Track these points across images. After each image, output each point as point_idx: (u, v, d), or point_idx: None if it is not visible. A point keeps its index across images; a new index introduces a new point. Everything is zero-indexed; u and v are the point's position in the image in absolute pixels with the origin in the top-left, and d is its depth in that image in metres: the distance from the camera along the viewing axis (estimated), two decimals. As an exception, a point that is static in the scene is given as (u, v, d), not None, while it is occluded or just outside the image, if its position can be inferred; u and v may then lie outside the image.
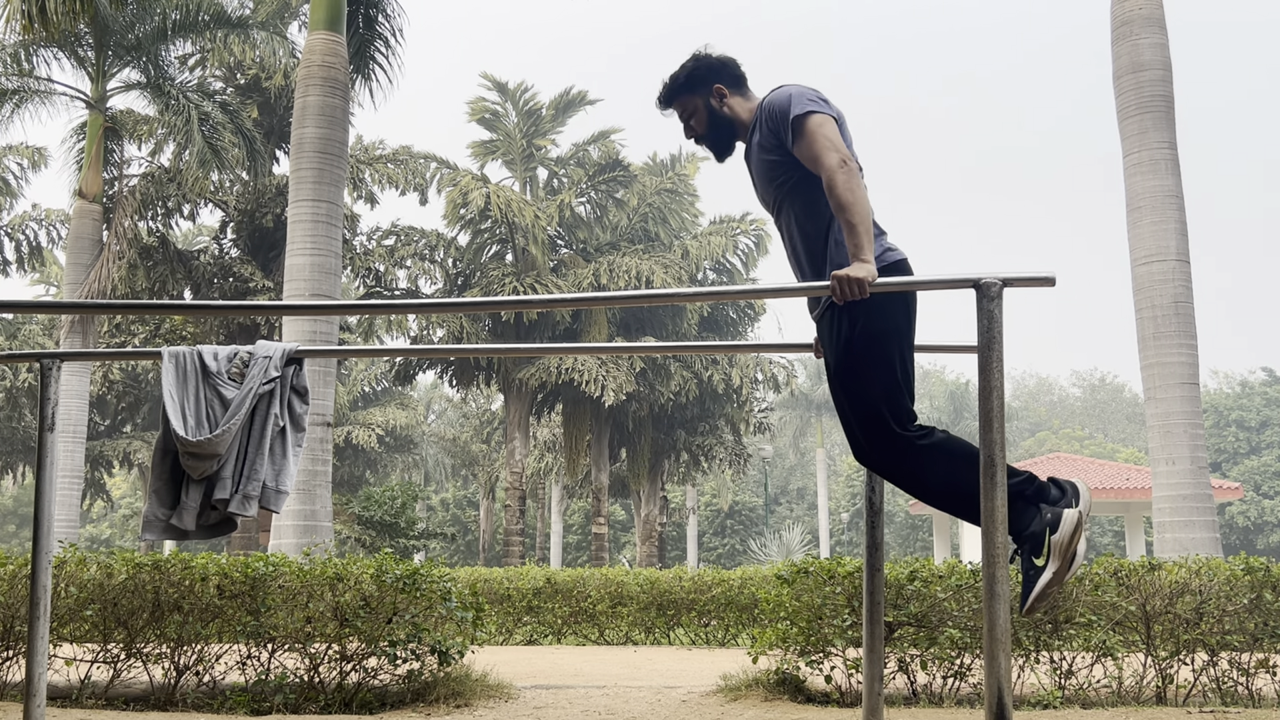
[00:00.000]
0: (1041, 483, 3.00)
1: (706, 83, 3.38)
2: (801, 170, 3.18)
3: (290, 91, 22.34)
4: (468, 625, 5.38)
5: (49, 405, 3.59)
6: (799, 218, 3.23)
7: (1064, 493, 2.96)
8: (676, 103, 3.43)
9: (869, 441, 3.07)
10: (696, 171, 32.12)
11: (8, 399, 30.75)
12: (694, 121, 3.42)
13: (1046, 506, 2.94)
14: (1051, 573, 2.87)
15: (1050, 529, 2.89)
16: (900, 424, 3.04)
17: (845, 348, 3.08)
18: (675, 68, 3.44)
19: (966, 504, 2.99)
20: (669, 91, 3.43)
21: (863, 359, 3.06)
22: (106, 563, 5.51)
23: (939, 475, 3.02)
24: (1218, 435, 52.67)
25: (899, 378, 3.06)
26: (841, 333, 3.09)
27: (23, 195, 25.43)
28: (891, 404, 3.04)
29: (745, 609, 11.05)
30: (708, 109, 3.38)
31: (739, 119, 3.37)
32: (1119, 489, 25.23)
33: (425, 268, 27.69)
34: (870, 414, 3.04)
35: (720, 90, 3.37)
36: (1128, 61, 12.38)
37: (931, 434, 3.05)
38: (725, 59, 3.41)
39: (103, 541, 53.17)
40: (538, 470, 39.28)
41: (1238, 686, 5.28)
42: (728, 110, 3.37)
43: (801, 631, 5.28)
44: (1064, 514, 2.89)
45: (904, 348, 3.10)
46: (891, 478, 3.11)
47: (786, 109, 3.15)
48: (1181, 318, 11.74)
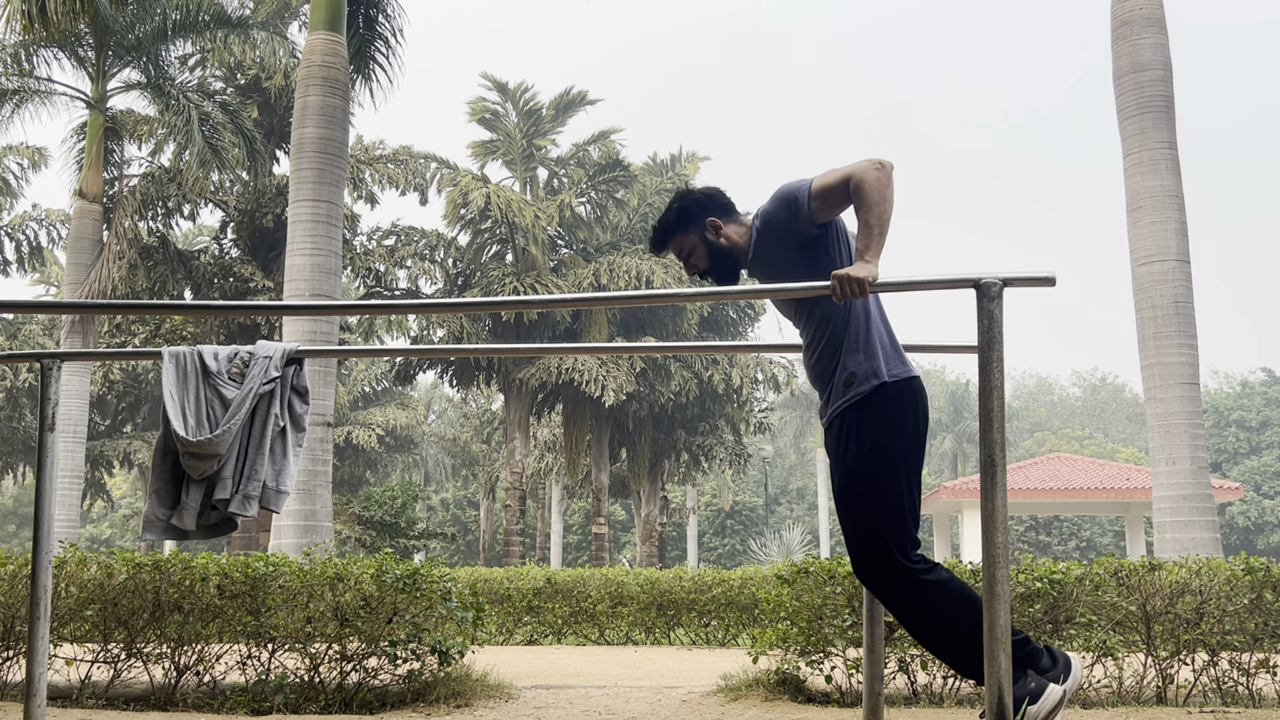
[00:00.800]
0: (1035, 648, 2.92)
1: (698, 219, 3.33)
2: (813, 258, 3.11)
3: (290, 91, 22.35)
4: (468, 625, 5.39)
5: (49, 405, 3.59)
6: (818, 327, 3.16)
7: (1055, 664, 2.88)
8: (672, 244, 3.38)
9: (868, 564, 3.00)
10: (697, 171, 32.14)
11: (8, 399, 30.76)
12: (693, 258, 3.36)
13: (1033, 674, 2.85)
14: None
15: (1030, 699, 2.79)
16: (903, 552, 2.96)
17: (853, 470, 3.02)
18: (663, 212, 3.39)
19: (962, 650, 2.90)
20: (661, 234, 3.38)
21: (869, 483, 2.99)
22: (107, 563, 5.51)
23: (934, 613, 2.93)
24: (1218, 435, 52.68)
25: (905, 504, 2.99)
26: (849, 452, 3.03)
27: (23, 195, 25.44)
28: (896, 532, 2.97)
29: (745, 609, 11.05)
30: (705, 244, 3.32)
31: (737, 245, 3.31)
32: (1119, 489, 25.24)
33: (425, 268, 27.70)
34: (872, 539, 2.97)
35: (714, 223, 3.31)
36: (1128, 61, 12.38)
37: (935, 570, 2.97)
38: (710, 191, 3.38)
39: (103, 541, 53.18)
40: (538, 470, 39.29)
41: (1238, 687, 5.28)
42: (724, 240, 3.31)
43: (802, 631, 5.28)
44: (1048, 688, 2.80)
45: (912, 472, 3.03)
46: (885, 602, 3.02)
47: (795, 184, 3.09)
48: (1182, 318, 11.74)
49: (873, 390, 3.04)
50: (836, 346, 3.12)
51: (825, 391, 3.17)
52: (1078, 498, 25.79)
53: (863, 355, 3.07)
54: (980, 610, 2.81)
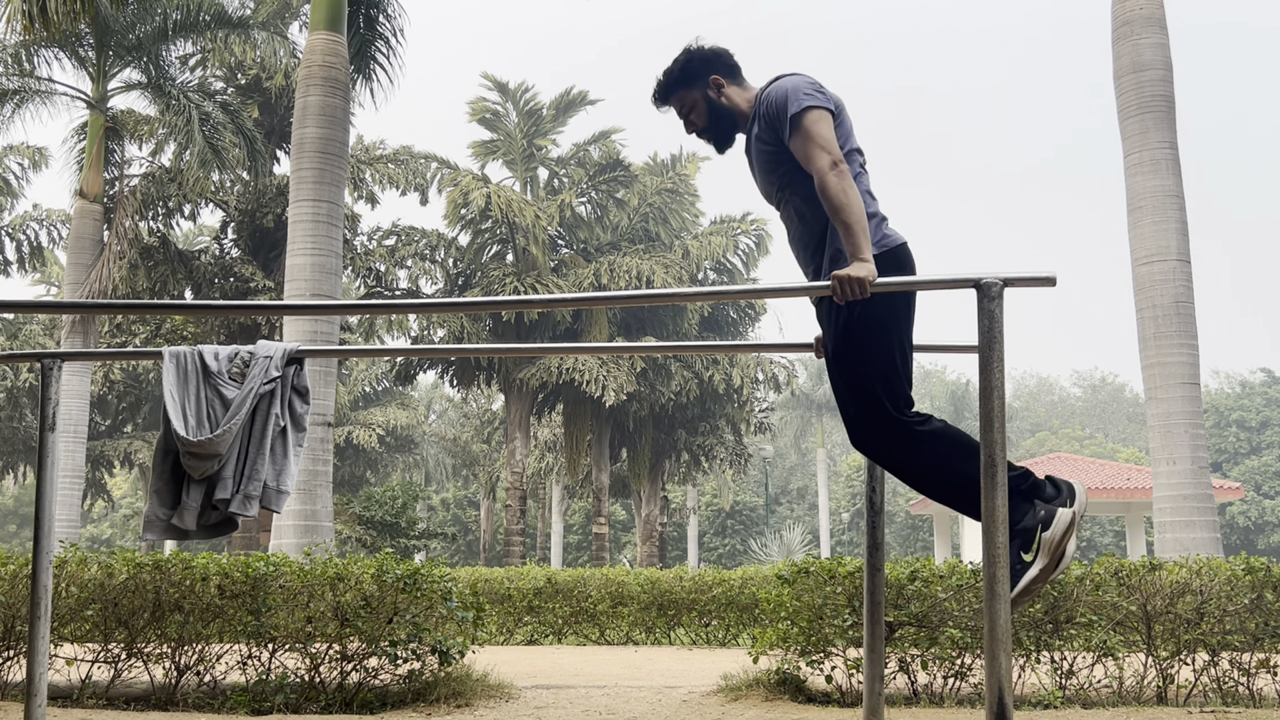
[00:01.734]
0: (1037, 479, 3.00)
1: (702, 75, 3.35)
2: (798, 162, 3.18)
3: (291, 91, 22.35)
4: (468, 625, 5.38)
5: (50, 405, 3.59)
6: (800, 207, 3.22)
7: (1059, 491, 2.96)
8: (674, 98, 3.40)
9: (866, 426, 3.06)
10: (697, 171, 32.12)
11: (9, 399, 30.76)
12: (693, 115, 3.39)
13: (1040, 503, 2.94)
14: (1039, 569, 2.86)
15: (1042, 526, 2.89)
16: (897, 409, 3.03)
17: (844, 332, 3.07)
18: (668, 63, 3.41)
19: (962, 493, 2.99)
20: (665, 87, 3.40)
21: (861, 344, 3.05)
22: (107, 563, 5.51)
23: (935, 463, 3.01)
24: (1218, 435, 52.67)
25: (897, 363, 3.06)
26: (840, 317, 3.08)
27: (24, 195, 25.45)
28: (889, 388, 3.03)
29: (746, 609, 11.05)
30: (706, 101, 3.36)
31: (738, 109, 3.34)
32: (1119, 489, 25.23)
33: (426, 268, 27.70)
34: (867, 398, 3.04)
35: (717, 81, 3.34)
36: (1128, 61, 12.38)
37: (929, 421, 3.04)
38: (718, 49, 3.39)
39: (103, 541, 53.18)
40: (538, 470, 39.29)
41: (1239, 686, 5.28)
42: (726, 101, 3.34)
43: (802, 631, 5.27)
44: (1058, 512, 2.89)
45: (903, 334, 3.09)
46: (887, 464, 3.10)
47: (784, 103, 3.13)
48: (1182, 318, 11.74)
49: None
50: (823, 223, 3.16)
51: (814, 267, 3.22)
52: (1078, 498, 25.74)
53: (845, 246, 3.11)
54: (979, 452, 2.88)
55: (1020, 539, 2.91)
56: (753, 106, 3.30)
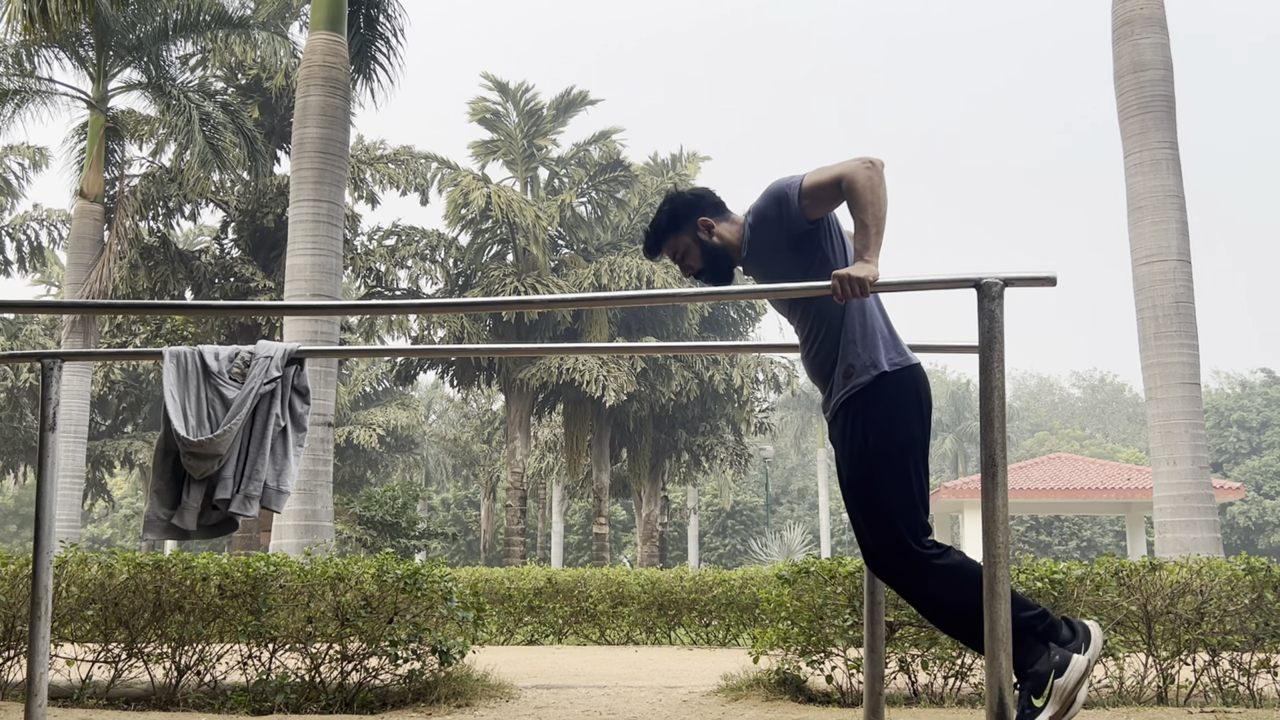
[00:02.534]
0: (1054, 621, 2.93)
1: (689, 220, 3.32)
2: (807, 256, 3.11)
3: (291, 91, 22.35)
4: (469, 625, 5.39)
5: (50, 405, 3.59)
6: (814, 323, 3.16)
7: (1075, 634, 2.89)
8: (665, 246, 3.37)
9: (881, 553, 3.00)
10: (698, 171, 32.14)
11: (9, 399, 30.77)
12: (688, 259, 3.35)
13: (1056, 647, 2.86)
14: (1047, 717, 2.79)
15: (1056, 672, 2.81)
16: (915, 539, 2.97)
17: (860, 460, 3.02)
18: (654, 216, 3.39)
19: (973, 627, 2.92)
20: (655, 238, 3.37)
21: (877, 472, 2.99)
22: (108, 563, 5.51)
23: (950, 596, 2.94)
24: (1219, 435, 52.67)
25: (915, 491, 3.00)
26: (855, 443, 3.03)
27: (24, 195, 25.47)
28: (907, 518, 2.97)
29: (746, 609, 11.05)
30: (699, 244, 3.31)
31: (730, 244, 3.29)
32: (1120, 489, 25.23)
33: (426, 268, 27.70)
34: (884, 528, 2.98)
35: (706, 223, 3.30)
36: (1128, 61, 12.38)
37: (947, 554, 2.98)
38: (699, 191, 3.37)
39: (104, 541, 53.19)
40: (539, 470, 39.28)
41: (1239, 687, 5.28)
42: (718, 240, 3.30)
43: (802, 631, 5.27)
44: (1072, 659, 2.81)
45: (919, 458, 3.04)
46: (899, 590, 3.03)
47: (783, 187, 3.08)
48: (1182, 318, 11.74)
49: (873, 380, 3.04)
50: (834, 340, 3.12)
51: (826, 385, 3.17)
52: (1078, 498, 25.79)
53: (861, 347, 3.07)
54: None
55: (1032, 682, 2.83)
56: (743, 230, 3.25)
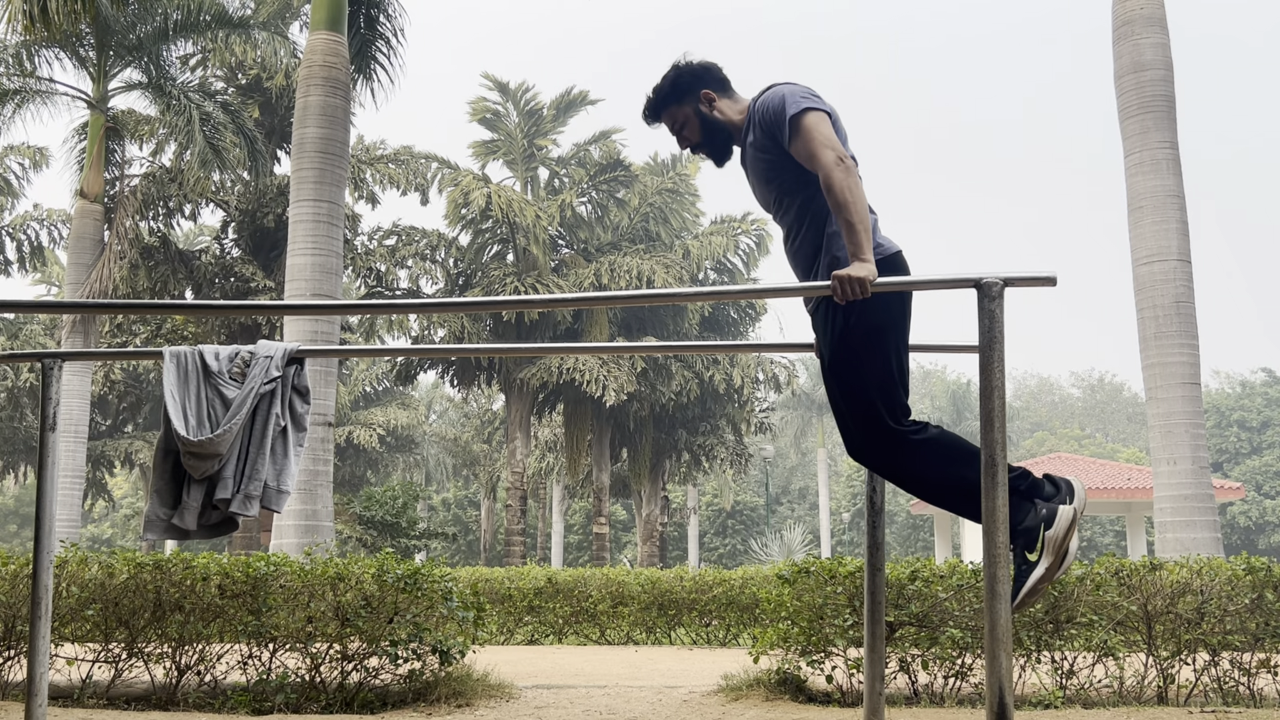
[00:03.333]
0: (1036, 479, 3.00)
1: (692, 90, 3.33)
2: (798, 169, 3.16)
3: (291, 91, 22.35)
4: (469, 625, 5.38)
5: (50, 405, 3.59)
6: (798, 216, 3.20)
7: (1059, 489, 2.97)
8: (665, 114, 3.38)
9: (863, 436, 3.06)
10: (697, 171, 32.13)
11: (9, 399, 30.77)
12: (686, 131, 3.37)
13: (1041, 502, 2.94)
14: (1044, 568, 2.88)
15: (1045, 524, 2.90)
16: (895, 418, 3.03)
17: (840, 341, 3.06)
18: (657, 80, 3.39)
19: (961, 499, 2.99)
20: (655, 104, 3.38)
21: (857, 352, 3.04)
22: (108, 562, 5.51)
23: (933, 470, 3.01)
24: (1219, 435, 52.67)
25: (894, 371, 3.05)
26: (836, 326, 3.07)
27: (24, 195, 25.47)
28: (886, 398, 3.03)
29: (746, 609, 11.04)
30: (699, 116, 3.33)
31: (731, 122, 3.32)
32: (1120, 489, 25.22)
33: (426, 268, 27.70)
34: (864, 408, 3.03)
35: (708, 95, 3.32)
36: (1129, 61, 12.37)
37: (925, 429, 3.04)
38: (706, 64, 3.37)
39: (104, 541, 53.19)
40: (539, 470, 39.28)
41: (1239, 686, 5.28)
42: (719, 114, 3.32)
43: (803, 631, 5.27)
44: (1059, 510, 2.90)
45: (899, 341, 3.08)
46: (885, 472, 3.10)
47: (782, 108, 3.12)
48: (1183, 318, 11.74)
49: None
50: (819, 230, 3.15)
51: (810, 275, 3.20)
52: (1079, 498, 25.74)
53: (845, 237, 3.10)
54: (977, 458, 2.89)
55: (1023, 539, 2.92)
56: (746, 117, 3.27)
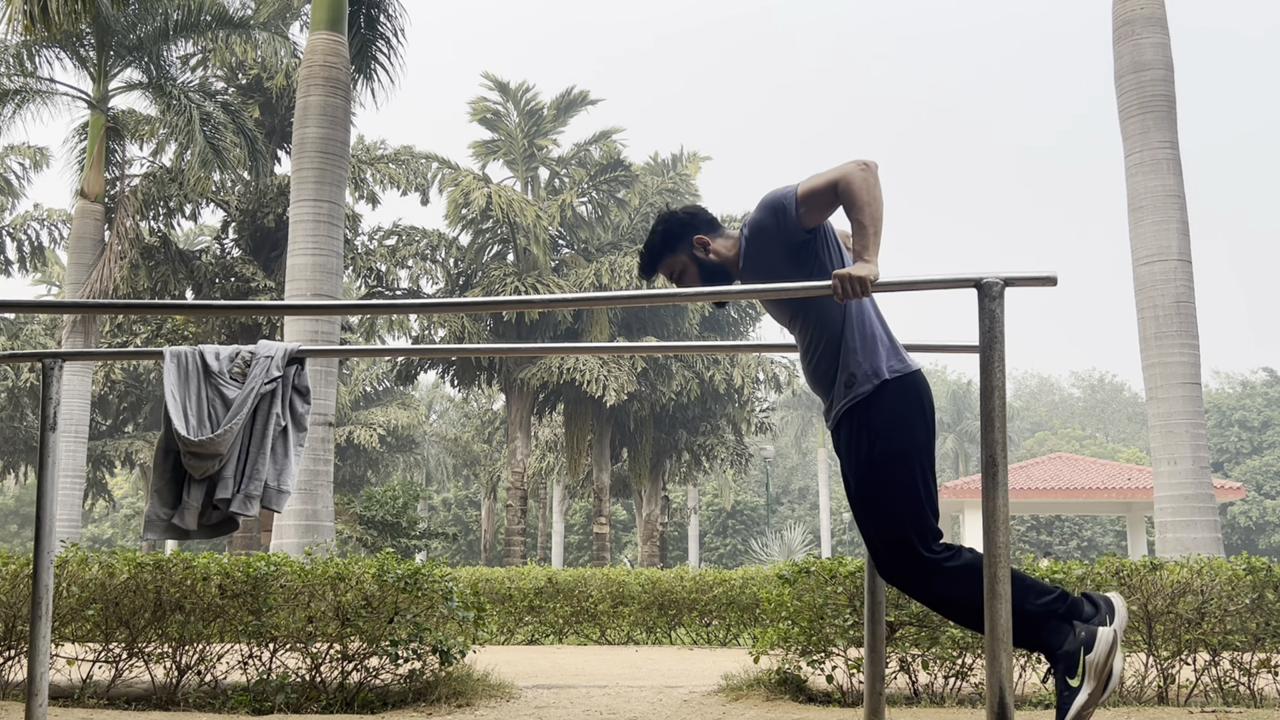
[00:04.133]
0: (1075, 600, 2.91)
1: (684, 238, 3.30)
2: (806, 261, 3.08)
3: (292, 91, 22.35)
4: (469, 625, 5.38)
5: (51, 405, 3.59)
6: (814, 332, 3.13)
7: (1098, 609, 2.88)
8: (661, 266, 3.35)
9: (894, 563, 2.98)
10: (698, 171, 32.14)
11: (10, 399, 30.77)
12: (685, 279, 3.33)
13: (1080, 624, 2.84)
14: (1087, 694, 2.77)
15: (1085, 648, 2.80)
16: (926, 546, 2.95)
17: (865, 471, 2.99)
18: (648, 236, 3.36)
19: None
20: (650, 259, 3.36)
21: (884, 481, 2.97)
22: (108, 562, 5.51)
23: (964, 594, 2.92)
24: (1220, 435, 52.66)
25: (922, 497, 2.97)
26: (860, 453, 3.00)
27: (25, 195, 25.48)
28: (917, 526, 2.95)
29: (747, 609, 11.04)
30: (695, 261, 3.29)
31: (726, 259, 3.27)
32: (1120, 489, 25.22)
33: (427, 268, 27.70)
34: (895, 536, 2.96)
35: (701, 240, 3.29)
36: (1129, 61, 12.37)
37: (959, 554, 2.96)
38: (692, 209, 3.35)
39: (104, 541, 53.20)
40: (539, 470, 39.28)
41: (1240, 686, 5.28)
42: (714, 256, 3.28)
43: (803, 631, 5.27)
44: (1099, 632, 2.80)
45: (925, 465, 3.01)
46: (920, 597, 3.01)
47: (780, 196, 3.06)
48: (1183, 317, 11.73)
49: (875, 389, 3.02)
50: (835, 348, 3.09)
51: (827, 395, 3.14)
52: (1079, 497, 25.78)
53: (861, 355, 3.04)
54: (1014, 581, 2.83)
55: (1064, 664, 2.82)
56: (738, 244, 3.22)
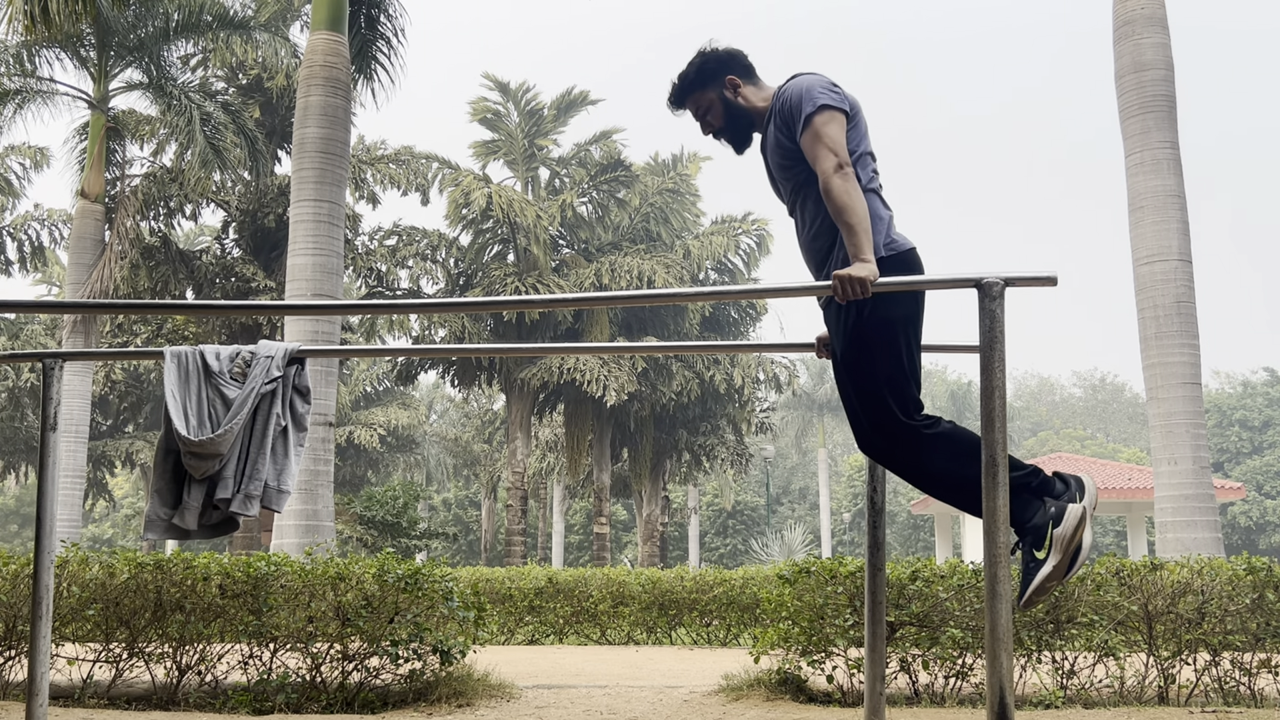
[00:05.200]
0: (1046, 476, 2.98)
1: (718, 76, 3.33)
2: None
3: (292, 92, 22.34)
4: (469, 625, 5.38)
5: (51, 405, 3.59)
6: (813, 209, 3.19)
7: (1068, 486, 2.95)
8: (689, 100, 3.38)
9: (873, 429, 3.04)
10: (698, 171, 32.12)
11: (10, 399, 30.77)
12: (710, 116, 3.36)
13: (1050, 500, 2.92)
14: (1051, 566, 2.85)
15: (1053, 522, 2.88)
16: (906, 413, 3.01)
17: (852, 334, 3.05)
18: (683, 66, 3.38)
19: (968, 495, 2.98)
20: (681, 89, 3.38)
21: (869, 345, 3.03)
22: (109, 562, 5.51)
23: (943, 465, 2.99)
24: (1220, 435, 52.65)
25: (906, 365, 3.03)
26: (849, 319, 3.06)
27: (25, 195, 25.46)
28: (897, 392, 3.01)
29: (747, 609, 11.04)
30: (723, 101, 3.33)
31: (755, 108, 3.31)
32: (1121, 489, 25.21)
33: (427, 268, 27.69)
34: (875, 401, 3.02)
35: (733, 81, 3.32)
36: (1129, 61, 12.37)
37: (938, 423, 3.02)
38: (733, 50, 3.37)
39: (105, 541, 53.20)
40: (539, 470, 39.28)
41: (1240, 686, 5.28)
42: (743, 100, 3.32)
43: (803, 631, 5.27)
44: (1068, 508, 2.88)
45: (912, 335, 3.07)
46: (894, 467, 3.08)
47: (800, 102, 3.12)
48: (1183, 317, 11.73)
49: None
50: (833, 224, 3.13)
51: (823, 268, 3.19)
52: (1079, 498, 25.72)
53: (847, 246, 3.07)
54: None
55: (1032, 536, 2.90)
56: (769, 105, 3.27)
